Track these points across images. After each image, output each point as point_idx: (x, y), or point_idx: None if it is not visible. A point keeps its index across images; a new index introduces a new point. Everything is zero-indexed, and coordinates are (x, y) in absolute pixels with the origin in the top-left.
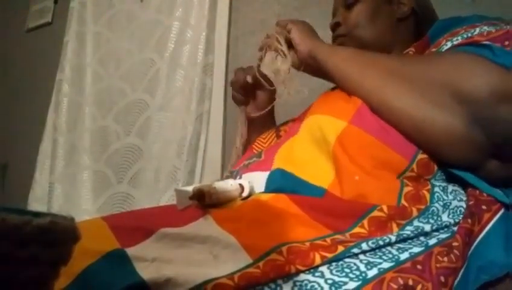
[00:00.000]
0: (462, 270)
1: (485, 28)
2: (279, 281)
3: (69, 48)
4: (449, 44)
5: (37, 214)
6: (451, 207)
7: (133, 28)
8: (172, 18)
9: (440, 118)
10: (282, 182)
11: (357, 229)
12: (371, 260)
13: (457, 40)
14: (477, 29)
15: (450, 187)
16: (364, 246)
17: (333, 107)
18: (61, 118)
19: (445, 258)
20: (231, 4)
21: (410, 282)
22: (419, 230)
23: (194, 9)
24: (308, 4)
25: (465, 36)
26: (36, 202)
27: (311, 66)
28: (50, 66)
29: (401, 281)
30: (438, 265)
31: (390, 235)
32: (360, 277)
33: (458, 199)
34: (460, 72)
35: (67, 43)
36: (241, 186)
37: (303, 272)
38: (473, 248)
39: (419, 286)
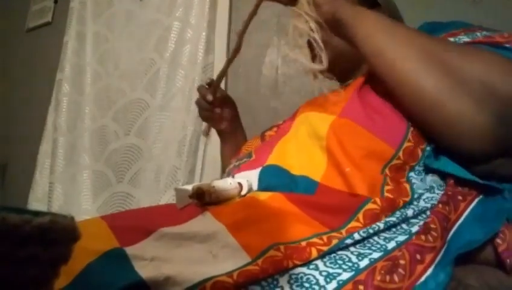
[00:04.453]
0: (442, 251)
1: (485, 32)
2: (276, 275)
3: (69, 47)
4: None
5: (37, 213)
6: (428, 194)
7: (133, 28)
8: (173, 18)
9: (471, 111)
10: (275, 179)
11: (352, 224)
12: (361, 251)
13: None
14: (487, 32)
15: (428, 178)
16: (356, 236)
17: (321, 106)
18: (61, 118)
19: (423, 237)
20: (231, 4)
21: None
22: (403, 216)
23: (194, 9)
24: None
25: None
26: (36, 202)
27: (335, 29)
28: (50, 66)
29: None
30: (415, 242)
31: (378, 223)
32: (353, 268)
33: (436, 187)
34: (497, 71)
35: (67, 42)
36: (240, 185)
37: (299, 265)
38: (451, 233)
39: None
